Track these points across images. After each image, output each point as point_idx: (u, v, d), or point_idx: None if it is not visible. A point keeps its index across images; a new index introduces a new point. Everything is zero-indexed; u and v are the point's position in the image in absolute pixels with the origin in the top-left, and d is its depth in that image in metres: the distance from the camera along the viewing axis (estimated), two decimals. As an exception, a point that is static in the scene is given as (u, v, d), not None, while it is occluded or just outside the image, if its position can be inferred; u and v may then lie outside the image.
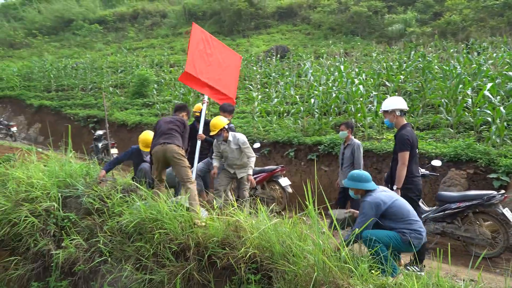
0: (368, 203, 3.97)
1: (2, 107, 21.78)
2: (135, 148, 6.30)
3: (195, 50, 5.93)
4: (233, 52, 6.85)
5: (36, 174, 5.48)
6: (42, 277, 4.95)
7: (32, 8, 33.68)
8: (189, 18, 28.02)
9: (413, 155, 4.77)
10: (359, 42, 19.51)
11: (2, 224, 5.10)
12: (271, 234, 3.68)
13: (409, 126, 4.97)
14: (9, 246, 5.16)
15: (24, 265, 4.95)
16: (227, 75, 6.42)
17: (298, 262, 3.36)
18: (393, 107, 4.88)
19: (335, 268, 3.27)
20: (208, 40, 6.14)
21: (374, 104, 9.15)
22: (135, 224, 4.44)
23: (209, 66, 6.05)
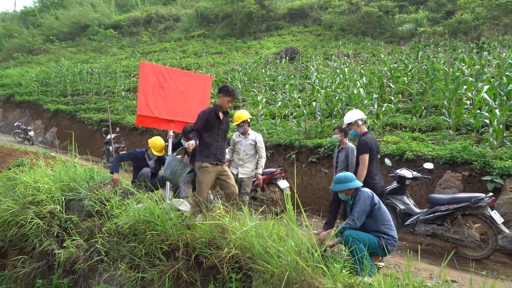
0: (365, 193, 4.24)
1: (21, 112, 22.54)
2: (139, 152, 6.57)
3: (147, 89, 5.82)
4: (199, 76, 6.69)
5: (42, 178, 5.81)
6: (46, 275, 5.26)
7: (50, 15, 34.62)
8: (201, 21, 28.47)
9: (372, 158, 5.36)
10: (369, 43, 19.51)
11: (11, 225, 5.44)
12: (252, 235, 3.89)
13: (370, 133, 5.60)
14: (17, 246, 5.49)
15: (30, 263, 5.28)
16: (194, 102, 6.22)
17: (273, 262, 3.56)
18: (355, 118, 5.58)
19: (308, 268, 3.46)
20: (162, 73, 5.97)
21: (375, 106, 9.25)
22: (130, 226, 4.71)
23: (168, 101, 5.95)
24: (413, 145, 7.92)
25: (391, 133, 9.41)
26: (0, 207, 5.50)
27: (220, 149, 5.10)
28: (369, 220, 4.17)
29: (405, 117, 10.11)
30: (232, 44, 24.95)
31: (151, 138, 6.69)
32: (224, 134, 5.23)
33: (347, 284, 3.43)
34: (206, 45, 25.52)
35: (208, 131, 5.07)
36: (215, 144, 5.06)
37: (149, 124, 6.00)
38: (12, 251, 5.61)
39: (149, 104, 5.83)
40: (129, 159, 6.69)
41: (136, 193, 5.23)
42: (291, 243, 3.53)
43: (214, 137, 5.08)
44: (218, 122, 5.10)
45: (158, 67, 6.09)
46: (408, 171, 6.44)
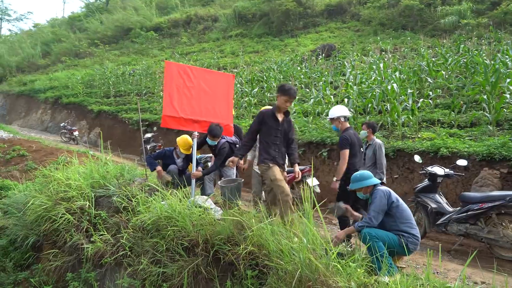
0: (381, 191, 4.10)
1: (68, 113, 23.60)
2: (168, 150, 6.69)
3: (172, 89, 5.79)
4: (221, 74, 6.62)
5: (74, 175, 6.04)
6: (76, 268, 5.48)
7: (95, 19, 36.03)
8: (239, 21, 28.62)
9: (355, 153, 5.52)
10: (409, 37, 18.89)
11: (44, 220, 5.71)
12: (267, 232, 3.86)
13: (351, 129, 5.72)
14: (50, 240, 5.75)
15: (61, 257, 5.52)
16: (218, 101, 6.17)
17: (286, 259, 3.52)
18: (338, 114, 5.64)
19: (321, 266, 3.39)
20: (187, 72, 5.92)
21: (409, 102, 8.95)
22: (153, 222, 4.81)
23: (192, 100, 5.90)
24: (449, 142, 7.60)
25: (427, 130, 9.05)
26: (35, 202, 5.77)
27: (279, 152, 4.85)
28: (388, 218, 4.03)
29: (443, 113, 9.70)
30: (269, 42, 24.92)
31: (179, 137, 6.77)
32: (284, 136, 4.92)
33: (361, 283, 3.33)
34: (244, 44, 25.64)
35: (266, 133, 4.87)
36: (273, 147, 4.82)
37: (174, 125, 5.90)
38: (46, 245, 5.88)
39: (174, 104, 5.79)
40: (159, 158, 6.78)
41: (160, 190, 5.31)
42: (304, 241, 3.48)
43: (272, 139, 4.84)
44: (276, 123, 4.85)
45: (183, 66, 6.10)
46: (440, 168, 6.18)
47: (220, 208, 5.24)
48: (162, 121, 5.85)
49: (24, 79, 31.22)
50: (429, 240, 6.63)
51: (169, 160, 6.61)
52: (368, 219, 3.96)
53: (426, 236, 6.61)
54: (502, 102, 7.97)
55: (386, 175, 8.10)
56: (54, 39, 36.18)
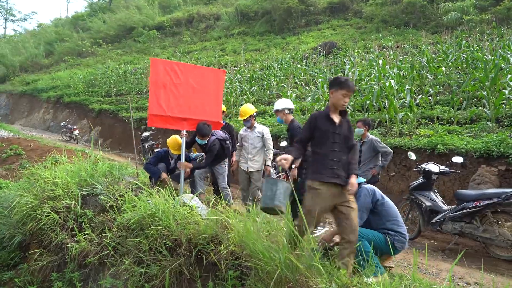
0: (365, 189, 3.98)
1: (69, 112, 23.63)
2: (162, 151, 6.56)
3: (158, 87, 5.60)
4: (211, 70, 6.39)
5: (61, 174, 5.94)
6: (62, 268, 5.37)
7: (98, 19, 36.07)
8: (241, 19, 28.51)
9: None
10: (411, 34, 18.67)
11: (30, 219, 5.61)
12: (248, 232, 3.73)
13: (296, 122, 5.77)
14: (36, 239, 5.66)
15: (46, 257, 5.41)
16: (207, 97, 5.96)
17: (265, 259, 3.39)
18: (283, 106, 5.76)
19: (301, 266, 3.26)
20: (174, 69, 5.70)
21: (408, 98, 8.78)
22: (136, 221, 4.69)
23: (180, 98, 5.69)
24: (446, 139, 7.43)
25: (426, 127, 8.88)
26: (20, 201, 5.68)
27: (339, 161, 3.77)
28: (373, 217, 3.89)
29: (443, 110, 9.52)
30: (271, 40, 24.78)
31: (169, 138, 6.65)
32: (345, 140, 3.87)
33: (342, 284, 3.19)
34: (245, 43, 25.52)
35: (320, 141, 3.84)
36: (331, 155, 3.79)
37: (161, 124, 5.72)
38: (33, 244, 5.78)
39: (161, 102, 5.61)
40: (157, 161, 6.58)
41: (145, 188, 5.19)
42: (283, 241, 3.35)
43: (329, 146, 3.79)
44: (333, 126, 3.83)
45: (170, 63, 5.88)
46: (435, 166, 6.02)
47: (206, 207, 5.12)
48: (148, 120, 5.69)
49: (27, 79, 31.33)
50: (424, 239, 6.47)
51: (164, 161, 6.49)
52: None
53: (421, 235, 6.46)
54: (501, 98, 7.79)
55: (383, 173, 7.98)
56: (57, 39, 36.28)
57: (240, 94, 14.87)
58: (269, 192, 3.67)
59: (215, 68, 6.62)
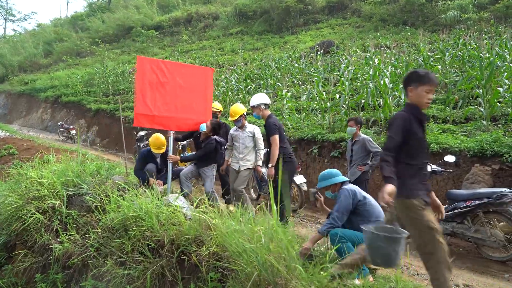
0: (346, 190, 3.91)
1: (67, 112, 23.57)
2: (145, 151, 6.48)
3: (144, 85, 5.49)
4: (199, 68, 6.29)
5: (47, 174, 5.86)
6: (47, 269, 5.29)
7: (97, 18, 36.01)
8: (240, 18, 28.41)
9: (282, 138, 5.59)
10: (409, 33, 18.56)
11: (14, 220, 5.53)
12: (229, 232, 3.65)
13: (273, 116, 5.74)
14: (21, 240, 5.58)
15: (31, 258, 5.34)
16: (195, 96, 5.89)
17: (244, 261, 3.30)
18: (258, 102, 5.75)
19: (282, 268, 3.17)
20: (160, 67, 5.62)
21: (402, 97, 8.68)
22: (119, 221, 4.61)
23: (166, 97, 5.62)
24: (440, 138, 7.32)
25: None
26: (5, 202, 5.60)
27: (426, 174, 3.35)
28: (356, 217, 3.80)
29: (439, 109, 9.42)
30: (269, 39, 24.68)
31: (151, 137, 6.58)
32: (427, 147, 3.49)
33: (322, 287, 3.10)
34: (244, 42, 25.43)
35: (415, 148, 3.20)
36: (424, 168, 3.31)
37: (148, 123, 5.60)
38: (18, 245, 5.71)
39: (147, 101, 5.51)
40: (143, 164, 6.47)
41: (128, 189, 5.12)
42: (262, 241, 3.26)
43: (423, 156, 3.27)
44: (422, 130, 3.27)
45: (156, 61, 5.78)
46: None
47: (192, 207, 5.03)
48: (134, 120, 5.58)
49: (25, 79, 31.27)
50: (416, 239, 6.37)
51: (150, 159, 6.41)
52: (332, 219, 3.75)
53: (414, 235, 6.37)
54: (496, 96, 7.68)
55: (377, 172, 7.88)
56: (56, 39, 36.23)
57: (236, 93, 14.77)
58: (393, 252, 3.00)
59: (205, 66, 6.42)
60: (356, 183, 6.24)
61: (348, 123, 6.60)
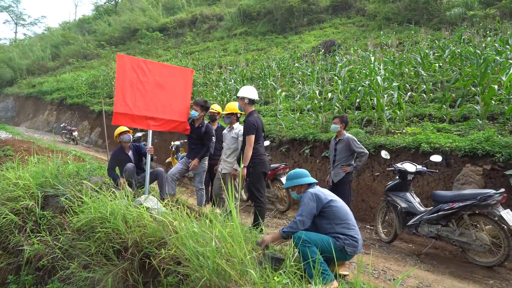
0: (309, 193, 3.72)
1: (71, 114, 23.70)
2: (116, 150, 6.39)
3: (124, 84, 5.37)
4: (179, 69, 6.14)
5: (24, 174, 5.79)
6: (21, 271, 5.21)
7: (103, 21, 36.22)
8: (244, 19, 28.31)
9: (257, 137, 5.33)
10: (413, 31, 18.25)
11: (-11, 221, 5.46)
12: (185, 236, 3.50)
13: (256, 113, 5.48)
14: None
15: (5, 259, 5.26)
16: (175, 97, 5.80)
17: (194, 266, 3.16)
18: (243, 95, 5.45)
19: (234, 273, 3.01)
20: (141, 66, 5.51)
21: (395, 95, 8.45)
22: (86, 223, 4.50)
23: (146, 96, 5.50)
24: (432, 137, 7.09)
25: (417, 125, 8.53)
26: (-20, 203, 5.55)
27: None
28: (321, 220, 3.62)
29: (437, 107, 9.17)
30: (273, 40, 24.53)
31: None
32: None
33: (272, 292, 2.94)
34: (247, 43, 25.31)
35: None
36: None
37: (127, 122, 5.50)
38: (-6, 246, 5.64)
39: (127, 100, 5.38)
40: (116, 163, 6.32)
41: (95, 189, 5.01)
42: (212, 244, 3.11)
43: None
44: None
45: (136, 59, 5.66)
46: (411, 165, 5.72)
47: (165, 209, 4.90)
48: (113, 118, 5.49)
49: (33, 82, 31.59)
50: (402, 242, 6.16)
51: (122, 156, 6.31)
52: (293, 223, 3.57)
53: (400, 238, 6.16)
54: (491, 94, 7.42)
55: (368, 173, 7.69)
56: (64, 42, 36.55)
57: (234, 94, 14.63)
58: None
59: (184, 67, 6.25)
60: (339, 184, 6.08)
61: (334, 120, 6.40)
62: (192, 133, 6.27)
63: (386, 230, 6.23)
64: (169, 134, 15.07)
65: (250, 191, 5.31)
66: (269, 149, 9.85)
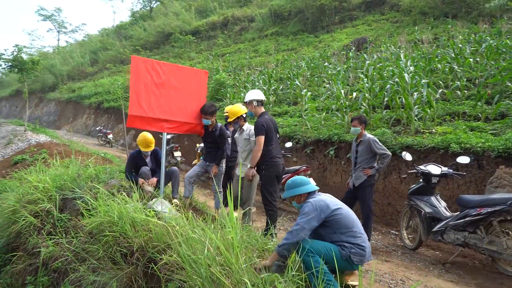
0: (311, 203, 3.44)
1: (108, 117, 24.35)
2: (134, 152, 6.39)
3: (138, 87, 5.35)
4: (194, 70, 6.06)
5: (44, 177, 5.90)
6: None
7: (139, 27, 37.04)
8: (275, 20, 28.15)
9: (270, 139, 5.18)
10: (450, 25, 17.46)
11: (11, 223, 5.60)
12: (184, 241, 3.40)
13: (267, 114, 5.35)
14: (18, 242, 5.64)
15: (25, 260, 5.38)
16: (189, 99, 5.76)
17: (188, 273, 3.05)
18: (250, 98, 5.36)
19: (227, 282, 2.88)
20: (155, 68, 5.49)
21: (424, 93, 8.04)
22: (96, 226, 4.50)
23: (161, 98, 5.47)
24: (463, 136, 6.67)
25: (448, 124, 8.08)
26: (3, 205, 5.69)
27: None
28: (325, 229, 3.39)
29: (471, 105, 8.66)
30: (304, 39, 24.22)
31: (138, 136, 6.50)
32: None
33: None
34: (278, 43, 25.14)
35: None
36: None
37: (142, 125, 5.48)
38: (17, 247, 5.78)
39: (141, 103, 5.37)
40: (133, 165, 6.32)
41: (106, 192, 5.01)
42: (205, 252, 2.98)
43: None
44: None
45: (151, 61, 5.64)
46: (436, 167, 5.39)
47: (175, 211, 4.84)
48: (127, 121, 5.50)
49: (73, 87, 32.76)
50: (428, 249, 5.81)
51: (139, 161, 6.31)
52: (289, 234, 3.29)
53: (426, 244, 5.81)
54: (528, 89, 6.90)
55: (394, 175, 7.36)
56: (102, 48, 37.68)
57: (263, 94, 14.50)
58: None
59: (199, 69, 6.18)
60: (360, 187, 5.81)
61: (352, 123, 6.12)
62: (207, 137, 6.18)
63: (411, 236, 5.90)
64: (198, 136, 15.14)
65: (262, 194, 5.16)
66: (293, 150, 9.65)
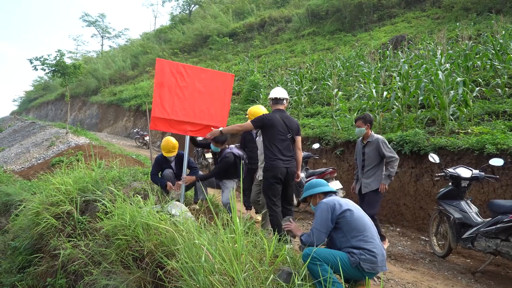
0: (324, 203, 3.33)
1: (145, 119, 24.84)
2: (159, 156, 6.38)
3: (162, 89, 5.36)
4: (219, 74, 6.00)
5: (67, 180, 6.01)
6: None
7: (178, 30, 37.73)
8: (312, 19, 27.82)
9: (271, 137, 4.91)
10: (493, 20, 16.53)
11: (35, 224, 5.74)
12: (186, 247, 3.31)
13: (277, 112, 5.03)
14: (40, 244, 5.77)
15: (46, 261, 5.49)
16: (214, 102, 5.69)
17: (187, 281, 2.94)
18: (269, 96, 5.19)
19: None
20: (180, 71, 5.47)
21: (459, 92, 7.58)
22: (110, 229, 4.50)
23: (185, 101, 5.46)
24: (500, 137, 6.22)
25: (486, 124, 7.58)
26: (27, 206, 5.84)
27: None
28: (337, 233, 3.21)
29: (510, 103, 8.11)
30: (341, 38, 23.76)
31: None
32: None
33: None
34: (315, 43, 24.80)
35: None
36: None
37: (164, 127, 5.51)
38: (40, 249, 5.91)
39: (165, 105, 5.40)
40: (159, 169, 6.35)
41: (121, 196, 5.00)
42: (202, 260, 2.87)
43: None
44: None
45: (176, 64, 5.63)
46: (466, 170, 5.01)
47: (190, 214, 4.77)
48: (150, 123, 5.56)
49: (114, 90, 33.77)
50: (459, 256, 5.43)
51: (165, 165, 6.31)
52: (307, 236, 3.20)
53: (457, 251, 5.43)
54: None
55: (427, 177, 6.98)
56: (142, 52, 38.65)
57: (296, 94, 14.28)
58: None
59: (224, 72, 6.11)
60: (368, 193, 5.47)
61: (356, 123, 5.68)
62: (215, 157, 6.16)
63: (441, 242, 5.53)
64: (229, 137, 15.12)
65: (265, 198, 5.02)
66: (323, 152, 9.40)
